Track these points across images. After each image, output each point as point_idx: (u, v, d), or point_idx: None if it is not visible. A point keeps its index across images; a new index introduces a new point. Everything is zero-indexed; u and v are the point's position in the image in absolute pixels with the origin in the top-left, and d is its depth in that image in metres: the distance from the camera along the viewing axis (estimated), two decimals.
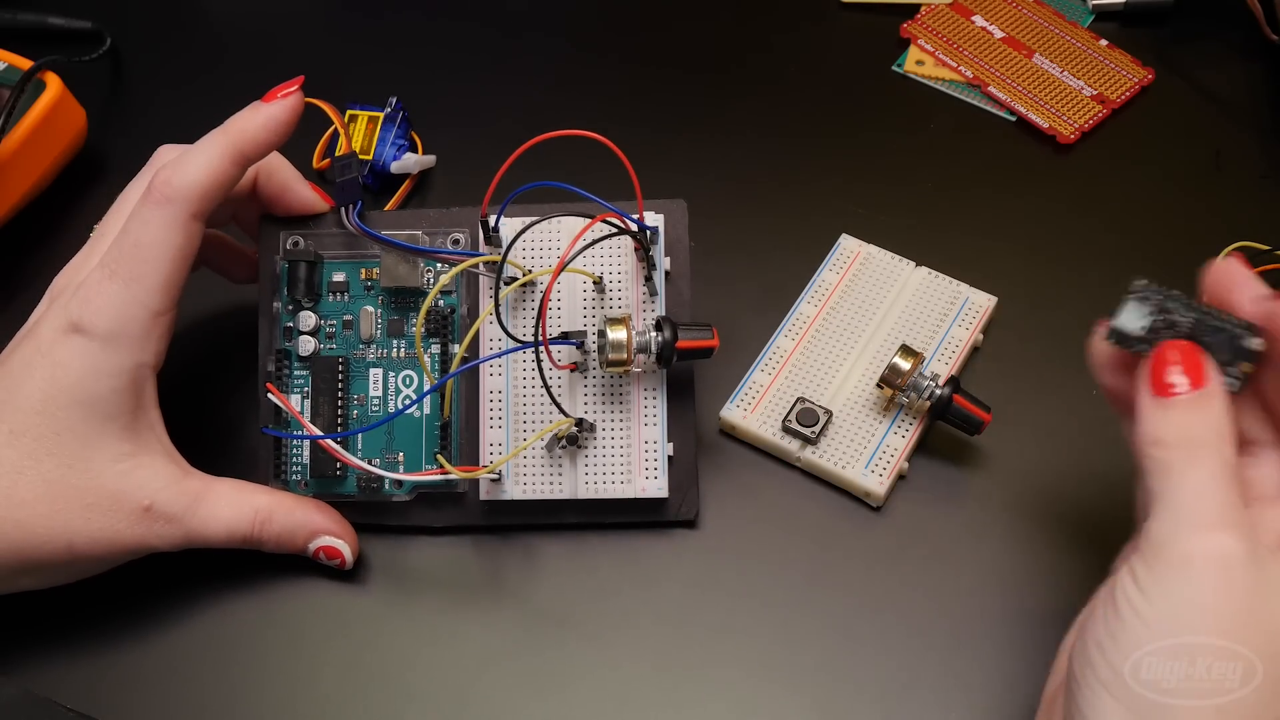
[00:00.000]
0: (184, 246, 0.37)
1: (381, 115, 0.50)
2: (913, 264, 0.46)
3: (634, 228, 0.39)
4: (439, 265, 0.41)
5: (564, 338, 0.39)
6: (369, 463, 0.39)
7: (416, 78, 0.54)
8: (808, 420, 0.42)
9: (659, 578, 0.40)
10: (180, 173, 0.37)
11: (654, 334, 0.39)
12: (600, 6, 0.57)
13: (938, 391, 0.41)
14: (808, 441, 0.42)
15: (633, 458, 0.40)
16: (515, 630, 0.40)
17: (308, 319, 0.41)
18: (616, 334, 0.38)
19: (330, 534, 0.39)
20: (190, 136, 0.52)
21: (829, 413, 0.42)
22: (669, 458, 0.40)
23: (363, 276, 0.42)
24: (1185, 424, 0.31)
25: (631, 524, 0.41)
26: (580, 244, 0.38)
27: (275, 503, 0.39)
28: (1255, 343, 0.31)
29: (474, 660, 0.39)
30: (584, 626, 0.40)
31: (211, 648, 0.39)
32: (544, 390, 0.39)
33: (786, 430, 0.42)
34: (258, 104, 0.38)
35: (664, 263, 0.41)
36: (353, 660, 0.39)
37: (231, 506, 0.38)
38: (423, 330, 0.41)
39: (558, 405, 0.39)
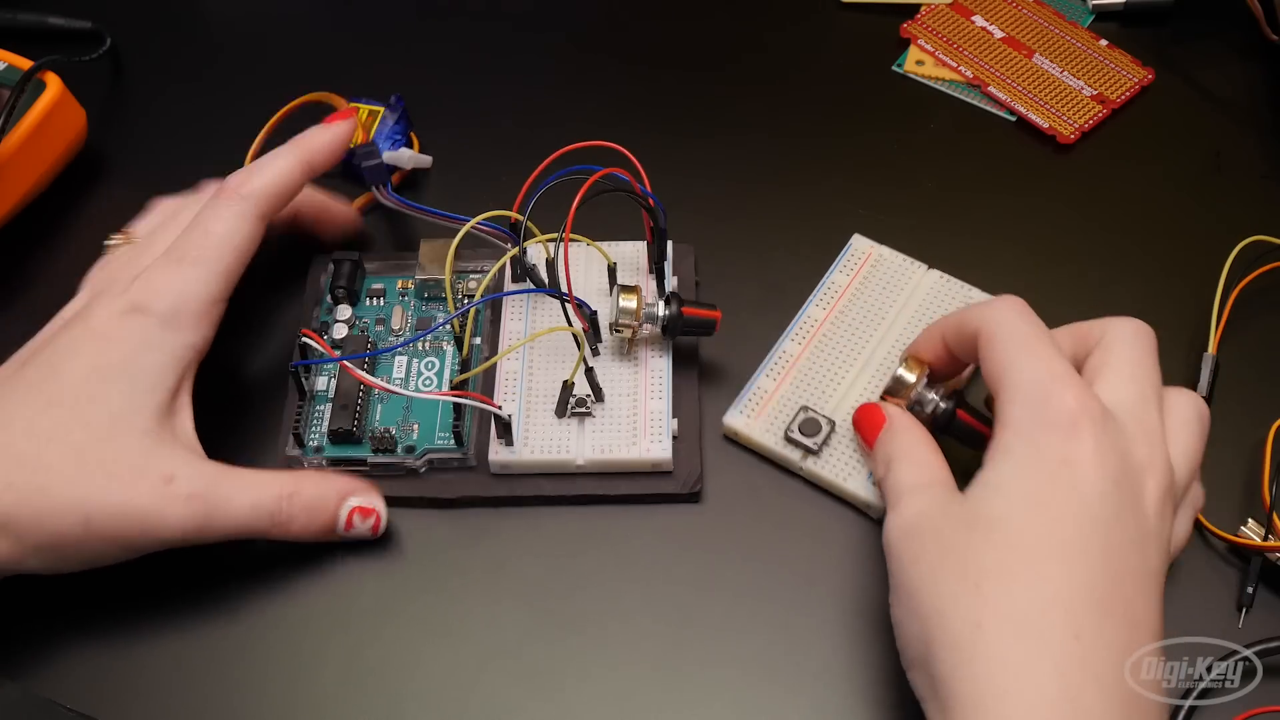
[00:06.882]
0: (248, 239, 0.40)
1: (383, 110, 0.50)
2: (925, 266, 0.46)
3: (640, 189, 0.41)
4: (469, 278, 0.46)
5: (580, 300, 0.42)
6: (385, 379, 0.43)
7: (415, 79, 0.54)
8: (810, 430, 0.42)
9: (661, 577, 0.40)
10: (255, 176, 0.41)
11: (661, 304, 0.42)
12: (601, 8, 0.57)
13: (941, 406, 0.40)
14: (810, 452, 0.42)
15: (639, 426, 0.41)
16: (516, 620, 0.40)
17: (344, 311, 0.45)
18: (627, 301, 0.41)
19: (361, 494, 0.40)
20: (190, 136, 0.52)
21: (832, 423, 0.42)
22: (674, 436, 0.41)
23: (399, 287, 0.46)
24: (880, 450, 0.39)
25: (637, 498, 0.41)
26: (588, 193, 0.39)
27: (300, 477, 0.39)
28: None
29: (476, 650, 0.39)
30: (585, 620, 0.40)
31: (212, 647, 0.39)
32: (558, 363, 0.43)
33: (789, 440, 0.42)
34: (323, 124, 0.44)
35: (670, 282, 0.44)
36: (353, 655, 0.39)
37: (256, 485, 0.38)
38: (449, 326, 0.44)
39: (577, 342, 0.41)
